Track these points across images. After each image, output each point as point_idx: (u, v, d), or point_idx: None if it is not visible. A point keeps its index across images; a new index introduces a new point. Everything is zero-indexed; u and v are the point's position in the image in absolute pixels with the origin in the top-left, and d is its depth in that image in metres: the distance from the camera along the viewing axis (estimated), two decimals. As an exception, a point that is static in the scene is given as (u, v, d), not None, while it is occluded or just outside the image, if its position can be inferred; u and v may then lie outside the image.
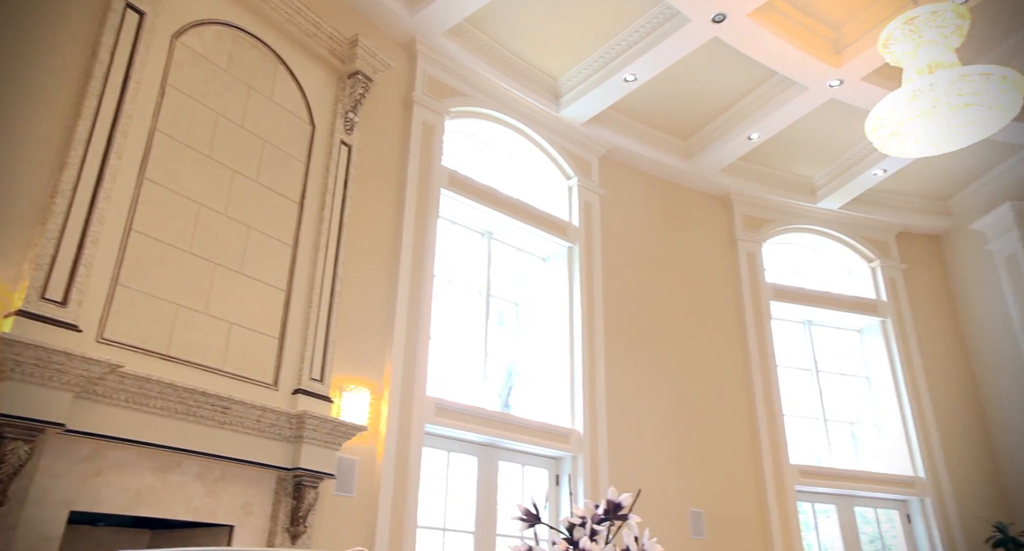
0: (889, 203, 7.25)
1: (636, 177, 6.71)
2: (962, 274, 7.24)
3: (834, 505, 6.49)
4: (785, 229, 7.22)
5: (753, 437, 6.19)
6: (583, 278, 5.88)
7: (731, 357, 6.46)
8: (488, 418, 4.96)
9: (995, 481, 6.56)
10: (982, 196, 7.00)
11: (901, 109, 3.92)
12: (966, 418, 6.81)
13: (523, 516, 2.83)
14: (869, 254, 7.35)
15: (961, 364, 7.05)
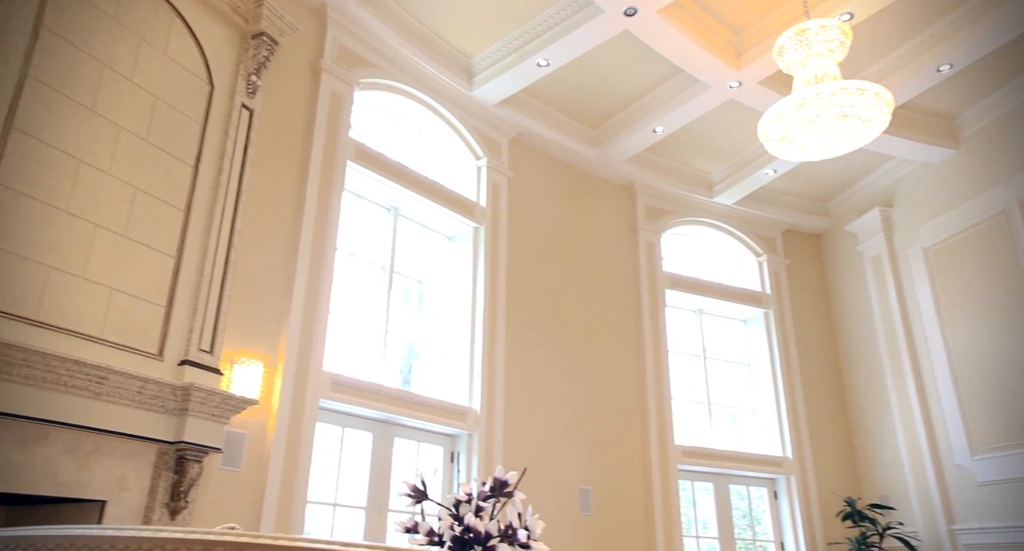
0: (777, 202, 7.72)
1: (545, 162, 6.81)
2: (836, 271, 7.84)
3: (712, 483, 6.93)
4: (683, 221, 7.55)
5: (642, 418, 6.49)
6: (488, 259, 5.94)
7: (626, 342, 6.72)
8: (385, 394, 4.96)
9: (850, 461, 7.20)
10: (856, 201, 7.59)
11: (789, 116, 4.19)
12: (831, 404, 7.41)
13: (410, 493, 2.89)
14: (758, 249, 7.81)
15: (830, 354, 7.65)
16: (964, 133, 6.43)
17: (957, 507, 6.04)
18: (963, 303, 6.24)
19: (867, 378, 7.20)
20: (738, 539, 6.87)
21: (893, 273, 6.96)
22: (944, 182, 6.59)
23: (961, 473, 6.04)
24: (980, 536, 5.79)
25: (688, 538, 6.62)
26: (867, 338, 7.24)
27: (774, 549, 6.88)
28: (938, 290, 6.49)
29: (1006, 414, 5.73)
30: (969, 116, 6.33)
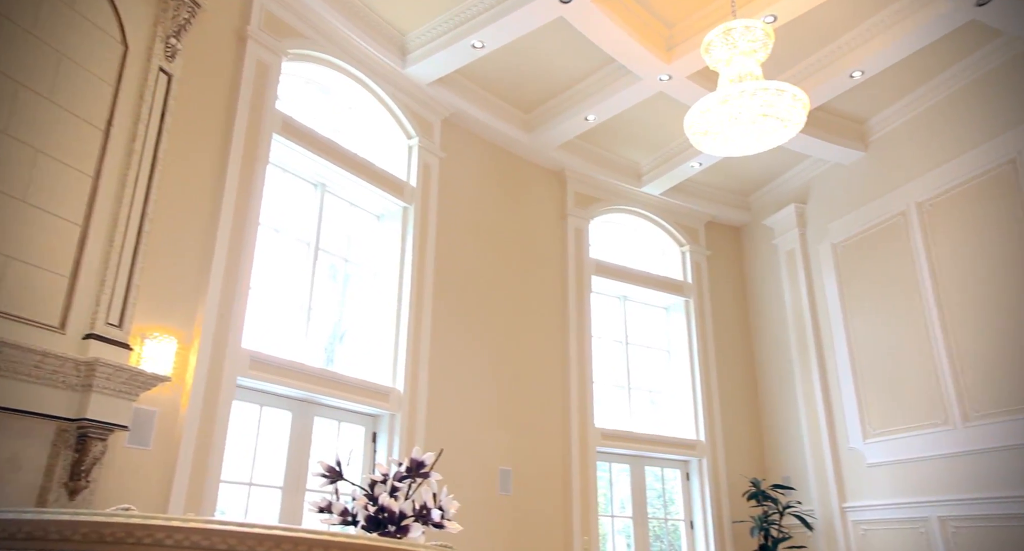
0: (702, 194, 7.98)
1: (477, 144, 6.80)
2: (753, 263, 8.19)
3: (629, 465, 7.17)
4: (612, 209, 7.70)
5: (564, 402, 6.63)
6: (416, 240, 5.91)
7: (551, 326, 6.83)
8: (306, 373, 4.88)
9: (757, 444, 7.59)
10: (774, 196, 7.93)
11: (713, 111, 4.32)
12: (743, 390, 7.77)
13: (325, 473, 2.87)
14: (681, 239, 8.06)
15: (745, 342, 8.01)
16: (872, 137, 6.81)
17: (849, 486, 6.47)
18: (864, 297, 6.64)
19: (777, 366, 7.58)
20: (651, 518, 7.15)
21: (804, 267, 7.33)
22: (852, 182, 6.97)
23: (854, 455, 6.47)
24: (867, 513, 6.23)
25: (604, 517, 6.84)
26: (779, 328, 7.61)
27: (684, 527, 7.20)
28: (843, 284, 6.88)
29: (894, 401, 6.16)
30: (877, 121, 6.71)
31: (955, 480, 5.56)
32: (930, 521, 5.68)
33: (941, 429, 5.71)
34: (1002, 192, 5.55)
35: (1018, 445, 5.13)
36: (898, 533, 5.92)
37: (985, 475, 5.35)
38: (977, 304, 5.60)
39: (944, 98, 6.17)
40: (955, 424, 5.62)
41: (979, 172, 5.75)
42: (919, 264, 6.12)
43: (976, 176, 5.77)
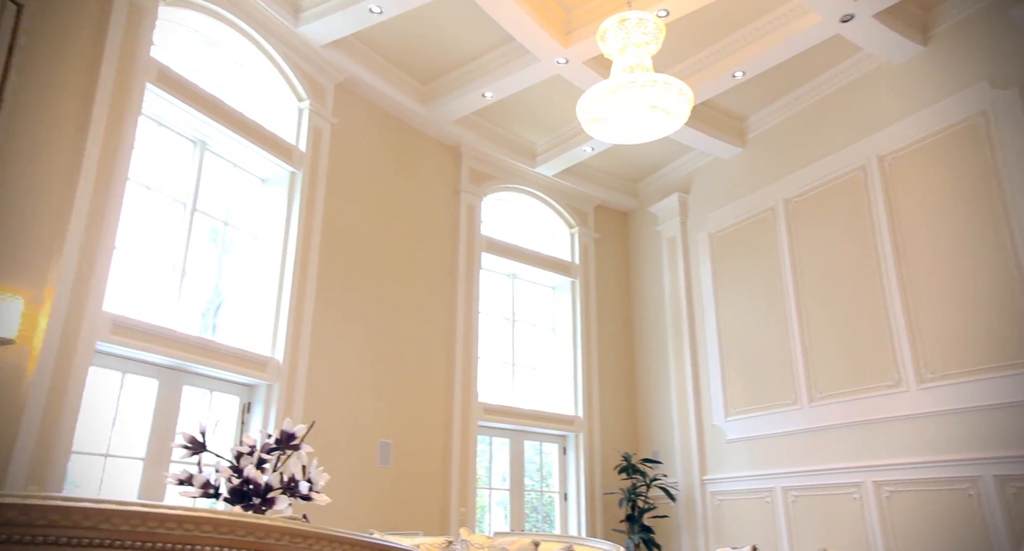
0: (593, 178, 8.20)
1: (371, 112, 6.64)
2: (638, 248, 8.54)
3: (509, 439, 7.36)
4: (505, 187, 7.77)
5: (448, 376, 6.68)
6: (304, 207, 5.72)
7: (439, 301, 6.85)
8: (176, 340, 4.65)
9: (631, 420, 7.99)
10: (660, 185, 8.29)
11: (605, 99, 4.45)
12: (621, 369, 8.14)
13: (187, 443, 2.76)
14: (571, 221, 8.27)
15: (625, 323, 8.37)
16: (750, 134, 7.24)
17: (709, 460, 6.96)
18: (734, 285, 7.10)
19: (653, 347, 7.98)
20: (528, 490, 7.39)
21: (684, 253, 7.73)
22: (730, 176, 7.40)
23: (716, 432, 6.96)
24: (723, 485, 6.74)
25: (482, 489, 7.00)
26: (657, 310, 8.01)
27: (558, 499, 7.49)
28: (716, 272, 7.32)
29: (753, 382, 6.67)
30: (755, 120, 7.14)
31: (798, 454, 6.11)
32: (775, 491, 6.22)
33: (791, 408, 6.25)
34: (854, 194, 6.08)
35: (852, 423, 5.70)
36: (748, 502, 6.45)
37: (822, 449, 5.92)
38: (828, 298, 6.13)
39: (811, 104, 6.65)
40: (802, 404, 6.16)
41: (837, 175, 6.27)
42: (783, 257, 6.61)
43: (834, 178, 6.29)
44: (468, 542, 3.69)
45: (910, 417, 5.33)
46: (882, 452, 5.46)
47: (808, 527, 5.87)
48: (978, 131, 5.28)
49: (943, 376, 5.17)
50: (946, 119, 5.49)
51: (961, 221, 5.26)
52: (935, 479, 5.08)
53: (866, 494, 5.49)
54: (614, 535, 7.21)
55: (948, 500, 4.98)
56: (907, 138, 5.75)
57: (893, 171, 5.83)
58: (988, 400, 4.87)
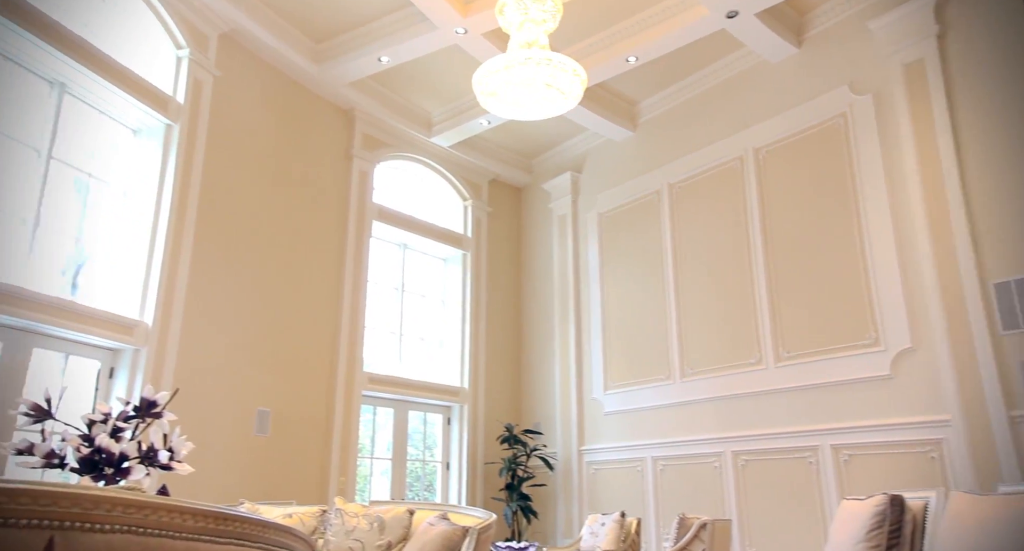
0: (489, 152, 8.22)
1: (259, 67, 6.31)
2: (530, 224, 8.67)
3: (393, 409, 7.34)
4: (399, 155, 7.64)
5: (333, 345, 6.57)
6: (181, 162, 5.39)
7: (326, 267, 6.68)
8: (24, 298, 4.29)
9: (516, 392, 8.19)
10: (554, 162, 8.43)
11: (500, 74, 4.45)
12: (507, 342, 8.29)
13: (30, 411, 2.57)
14: (465, 193, 8.26)
15: (514, 297, 8.51)
16: (641, 118, 7.49)
17: (587, 432, 7.27)
18: (619, 264, 7.38)
19: (540, 321, 8.18)
20: (411, 460, 7.43)
21: (573, 232, 7.93)
22: (621, 158, 7.63)
23: (595, 404, 7.26)
24: (598, 455, 7.07)
25: (364, 459, 6.97)
26: (545, 286, 8.19)
27: (440, 468, 7.59)
28: (603, 251, 7.57)
29: (632, 358, 6.99)
30: (646, 105, 7.38)
31: (668, 426, 6.49)
32: (645, 461, 6.60)
33: (664, 383, 6.61)
34: (732, 183, 6.44)
35: (717, 397, 6.12)
36: (621, 471, 6.80)
37: (690, 422, 6.32)
38: (704, 280, 6.50)
39: (698, 94, 6.95)
40: (675, 379, 6.53)
41: (717, 163, 6.61)
42: (665, 240, 6.93)
43: (714, 166, 6.63)
44: (343, 511, 3.68)
45: (767, 393, 5.77)
46: (741, 424, 5.90)
47: (673, 493, 6.28)
48: (838, 132, 5.72)
49: (797, 355, 5.64)
50: (812, 118, 5.91)
51: (820, 214, 5.71)
52: (783, 448, 5.56)
53: (725, 463, 5.92)
54: (493, 503, 7.41)
55: (792, 467, 5.47)
56: (779, 133, 6.14)
57: (766, 163, 6.22)
58: (832, 377, 5.36)
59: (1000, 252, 4.65)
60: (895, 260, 5.17)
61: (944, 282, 4.82)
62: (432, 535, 3.20)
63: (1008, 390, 4.42)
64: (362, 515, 3.54)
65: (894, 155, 5.32)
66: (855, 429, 5.14)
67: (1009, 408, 4.39)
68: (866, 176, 5.47)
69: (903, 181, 5.23)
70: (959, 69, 5.06)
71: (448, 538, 3.15)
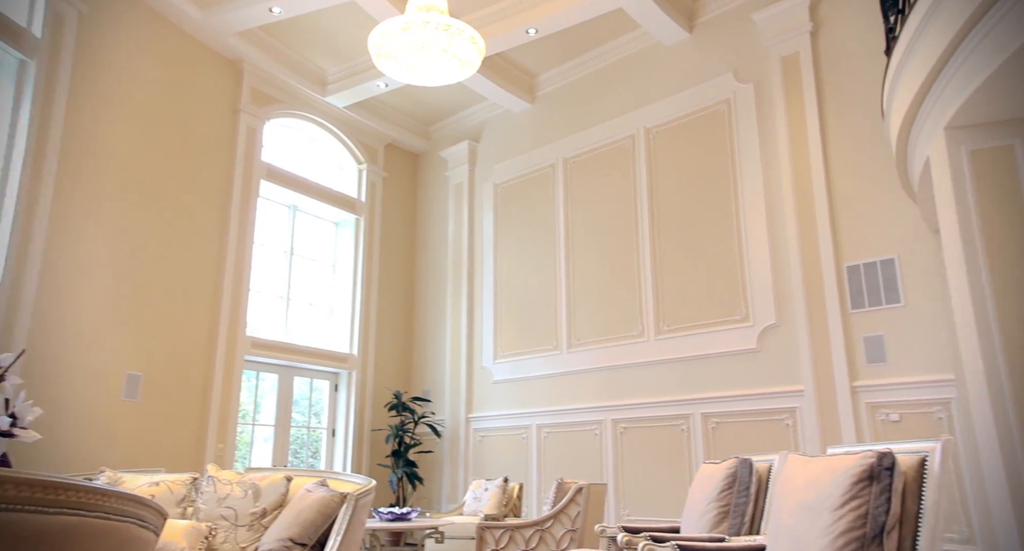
0: (386, 115, 8.02)
1: (137, 9, 5.82)
2: (426, 191, 8.59)
3: (278, 374, 7.14)
4: (291, 113, 7.32)
5: (214, 308, 6.28)
6: (40, 103, 4.93)
7: (209, 226, 6.34)
8: None
9: (406, 360, 8.17)
10: (452, 130, 8.36)
11: (395, 36, 4.33)
12: (399, 309, 8.23)
13: None
14: (360, 157, 8.04)
15: (408, 264, 8.43)
16: (539, 91, 7.53)
17: (476, 400, 7.38)
18: (512, 236, 7.46)
19: (433, 289, 8.16)
20: (295, 426, 7.28)
21: (469, 201, 7.92)
22: (518, 130, 7.66)
23: (484, 373, 7.37)
24: (486, 422, 7.20)
25: (244, 425, 6.76)
26: (439, 254, 8.17)
27: (326, 435, 7.49)
28: (498, 221, 7.62)
29: (521, 329, 7.14)
30: (545, 78, 7.43)
31: (553, 395, 6.70)
32: (530, 428, 6.79)
33: (552, 353, 6.79)
34: (623, 161, 6.63)
35: (601, 368, 6.36)
36: (506, 439, 6.97)
37: (574, 391, 6.55)
38: (593, 254, 6.69)
39: (596, 71, 7.07)
40: (562, 349, 6.73)
41: (611, 140, 6.78)
42: (558, 213, 7.06)
43: (608, 143, 6.80)
44: (216, 478, 3.56)
45: (647, 364, 6.06)
46: (622, 394, 6.18)
47: (556, 460, 6.51)
48: (722, 117, 6.01)
49: (676, 329, 5.94)
50: (699, 102, 6.17)
51: (702, 195, 5.99)
52: (659, 417, 5.88)
53: (605, 430, 6.20)
54: (379, 470, 7.42)
55: (666, 434, 5.81)
56: (669, 115, 6.36)
57: (656, 144, 6.44)
58: (706, 350, 5.70)
59: (853, 238, 5.07)
60: (766, 242, 5.52)
61: (806, 264, 5.21)
62: (309, 501, 3.17)
63: (852, 363, 4.87)
64: (236, 482, 3.45)
65: (770, 143, 5.65)
66: (723, 399, 5.50)
67: (852, 379, 4.84)
68: (745, 161, 5.78)
69: (777, 168, 5.57)
70: (828, 66, 5.42)
71: (326, 504, 3.13)
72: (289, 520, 3.06)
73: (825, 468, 1.91)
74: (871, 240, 4.99)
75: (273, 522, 3.17)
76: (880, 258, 4.92)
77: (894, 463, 1.79)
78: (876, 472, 1.78)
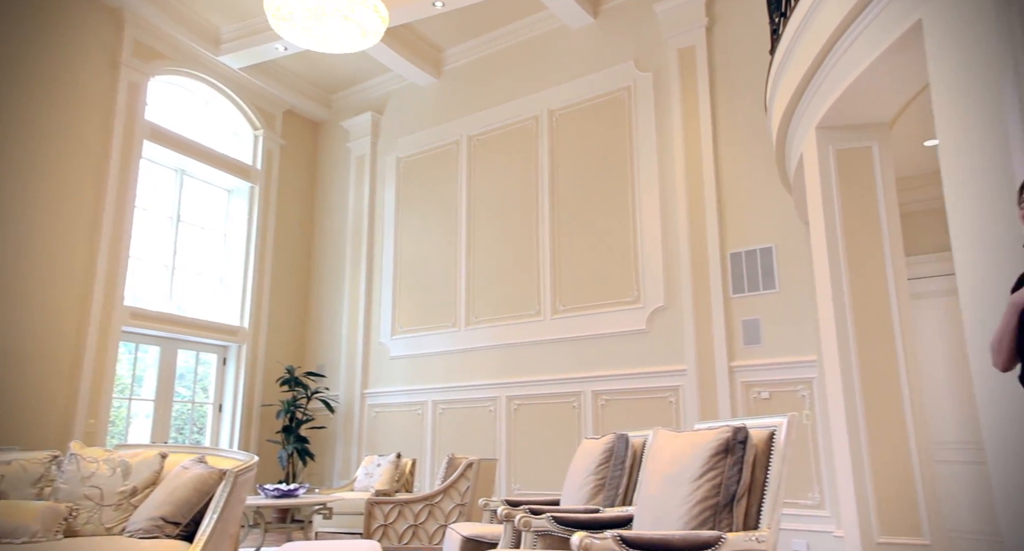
0: (285, 81, 7.69)
1: (0, -59, 5.27)
2: (327, 161, 8.33)
3: (160, 347, 6.78)
4: (180, 71, 6.88)
5: (88, 275, 5.87)
6: None
7: (84, 187, 5.89)
8: None
9: (301, 334, 7.96)
10: (356, 100, 8.13)
11: None
12: (295, 281, 7.98)
13: None
14: (257, 122, 7.68)
15: (306, 236, 8.18)
16: (446, 66, 7.45)
17: (372, 375, 7.30)
18: (414, 211, 7.38)
19: (331, 262, 7.97)
20: (179, 401, 6.96)
21: (371, 174, 7.76)
22: (424, 104, 7.56)
23: (381, 348, 7.30)
24: (381, 398, 7.16)
25: (120, 399, 6.39)
26: (339, 227, 7.97)
27: (212, 410, 7.20)
28: (400, 196, 7.52)
29: (420, 305, 7.11)
30: (452, 53, 7.35)
31: (450, 372, 6.74)
32: (426, 405, 6.81)
33: (450, 330, 6.81)
34: (527, 141, 6.68)
35: (498, 345, 6.44)
36: (402, 414, 6.96)
37: (470, 368, 6.61)
38: (494, 233, 6.73)
39: (503, 49, 7.06)
40: (460, 326, 6.76)
41: (515, 120, 6.81)
42: (460, 190, 7.04)
43: (513, 123, 6.83)
44: (79, 456, 3.36)
45: (543, 342, 6.20)
46: (517, 371, 6.29)
47: (449, 436, 6.57)
48: (622, 104, 6.17)
49: (571, 309, 6.10)
50: (601, 88, 6.29)
51: (601, 179, 6.15)
52: (552, 394, 6.04)
53: (500, 407, 6.30)
54: (269, 446, 7.23)
55: (559, 410, 5.98)
56: (572, 98, 6.46)
57: (559, 126, 6.53)
58: (599, 330, 5.89)
59: (737, 227, 5.37)
60: (658, 228, 5.74)
61: (694, 250, 5.47)
62: (184, 479, 3.06)
63: (731, 345, 5.18)
64: (103, 460, 3.28)
65: (666, 132, 5.86)
66: (613, 377, 5.72)
67: (730, 359, 5.15)
68: (642, 149, 5.97)
69: (671, 157, 5.79)
70: (721, 60, 5.67)
71: (203, 481, 3.03)
72: (162, 498, 2.95)
73: (688, 442, 2.04)
74: (753, 229, 5.29)
75: (144, 501, 3.04)
76: (760, 246, 5.23)
77: (747, 437, 1.93)
78: (731, 445, 1.92)
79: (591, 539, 1.65)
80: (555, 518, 2.37)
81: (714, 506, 1.87)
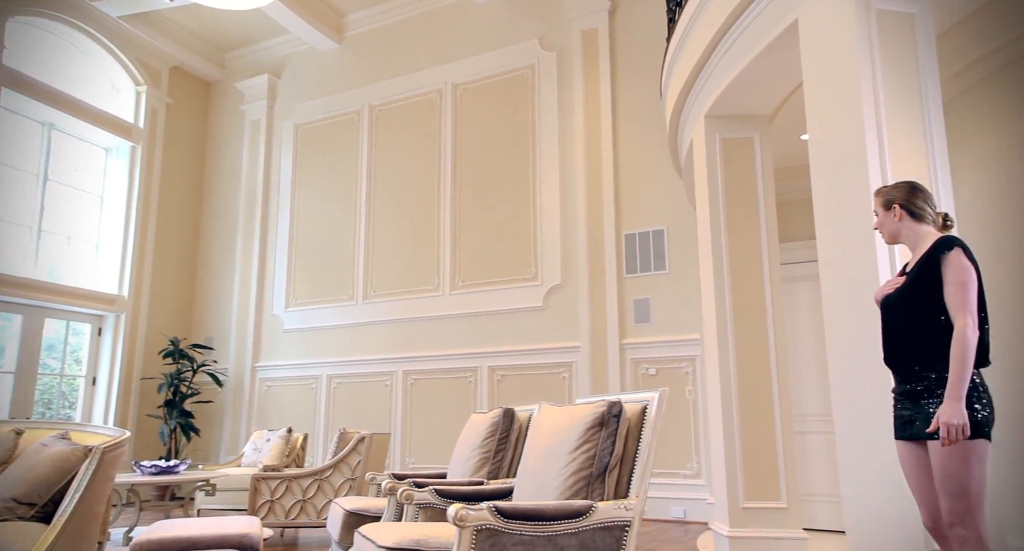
0: (172, 35, 7.17)
1: None
2: (218, 123, 7.88)
3: (23, 315, 6.26)
4: (47, 13, 6.27)
5: (-61, 235, 5.30)
6: None
7: (-70, 139, 5.30)
8: None
9: (187, 304, 7.56)
10: (251, 61, 7.71)
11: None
12: (181, 249, 7.55)
13: None
14: (139, 77, 7.15)
15: (194, 202, 7.73)
16: (348, 32, 7.19)
17: (264, 348, 7.06)
18: (312, 180, 7.13)
19: (222, 230, 7.58)
20: (44, 374, 6.46)
21: (266, 140, 7.41)
22: (324, 70, 7.27)
23: (274, 321, 7.05)
24: (274, 371, 6.94)
25: (-23, 373, 5.87)
26: (231, 193, 7.58)
27: (85, 383, 6.74)
28: (298, 164, 7.24)
29: (316, 277, 6.91)
30: (355, 18, 7.10)
31: (346, 346, 6.61)
32: (320, 378, 6.66)
33: (347, 303, 6.67)
34: (430, 114, 6.58)
35: (396, 320, 6.37)
36: (295, 388, 6.78)
37: (367, 342, 6.51)
38: (395, 205, 6.62)
39: (408, 18, 6.89)
40: (357, 300, 6.63)
41: (419, 92, 6.69)
42: (361, 161, 6.86)
43: (416, 95, 6.70)
44: (-79, 434, 3.07)
45: (440, 317, 6.18)
46: (414, 346, 6.25)
47: (344, 410, 6.47)
48: (526, 82, 6.18)
49: (470, 285, 6.11)
50: (506, 65, 6.28)
51: (503, 155, 6.15)
52: (449, 369, 6.05)
53: (396, 381, 6.26)
54: (149, 421, 6.87)
55: (456, 385, 6.01)
56: (477, 73, 6.41)
57: (462, 100, 6.46)
58: (497, 306, 5.94)
59: (632, 208, 5.53)
60: (558, 206, 5.83)
61: (591, 229, 5.59)
62: (43, 456, 2.86)
63: (623, 323, 5.36)
64: (-54, 439, 3.01)
65: (567, 113, 5.92)
66: (509, 353, 5.80)
67: (621, 337, 5.34)
68: (543, 128, 6.01)
69: (572, 137, 5.86)
70: (622, 44, 5.78)
71: (64, 459, 2.84)
72: (15, 478, 2.74)
73: (567, 416, 2.10)
74: (646, 211, 5.47)
75: (-5, 481, 2.82)
76: (652, 228, 5.42)
77: (621, 411, 2.01)
78: (606, 419, 1.99)
79: (467, 510, 1.68)
80: (437, 491, 2.39)
81: (587, 477, 1.94)
